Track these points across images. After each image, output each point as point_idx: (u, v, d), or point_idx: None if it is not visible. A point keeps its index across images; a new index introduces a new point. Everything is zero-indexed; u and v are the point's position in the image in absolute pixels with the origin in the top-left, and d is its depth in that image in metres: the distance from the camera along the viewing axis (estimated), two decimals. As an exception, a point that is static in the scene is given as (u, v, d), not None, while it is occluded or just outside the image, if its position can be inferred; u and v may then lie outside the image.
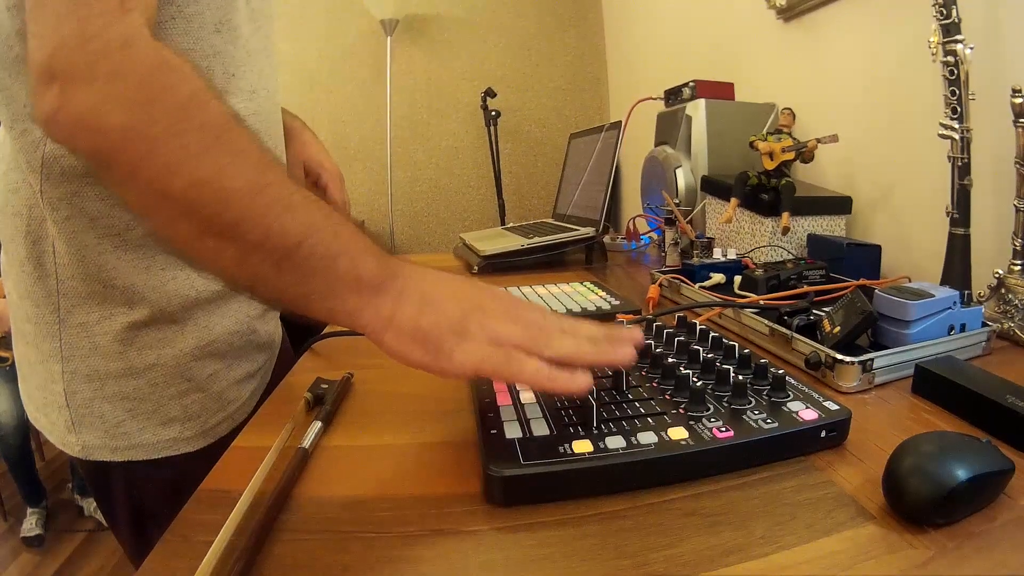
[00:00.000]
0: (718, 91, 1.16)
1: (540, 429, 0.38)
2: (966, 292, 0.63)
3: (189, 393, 0.55)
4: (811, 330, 0.55)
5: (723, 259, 0.83)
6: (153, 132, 0.34)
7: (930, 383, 0.45)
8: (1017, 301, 0.60)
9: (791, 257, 0.84)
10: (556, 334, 0.37)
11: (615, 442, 0.35)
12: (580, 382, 0.35)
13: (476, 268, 1.08)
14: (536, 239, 1.11)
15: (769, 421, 0.37)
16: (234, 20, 0.53)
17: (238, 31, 0.54)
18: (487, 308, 0.37)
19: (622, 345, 0.38)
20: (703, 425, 0.37)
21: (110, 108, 0.34)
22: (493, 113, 2.36)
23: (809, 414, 0.38)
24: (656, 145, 1.24)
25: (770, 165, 0.89)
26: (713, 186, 1.02)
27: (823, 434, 0.38)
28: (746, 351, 0.46)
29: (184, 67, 0.37)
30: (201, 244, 0.35)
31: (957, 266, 0.65)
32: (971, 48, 0.62)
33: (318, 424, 0.44)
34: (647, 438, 0.36)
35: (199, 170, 0.34)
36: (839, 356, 0.47)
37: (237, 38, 0.54)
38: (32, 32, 0.35)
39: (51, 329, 0.51)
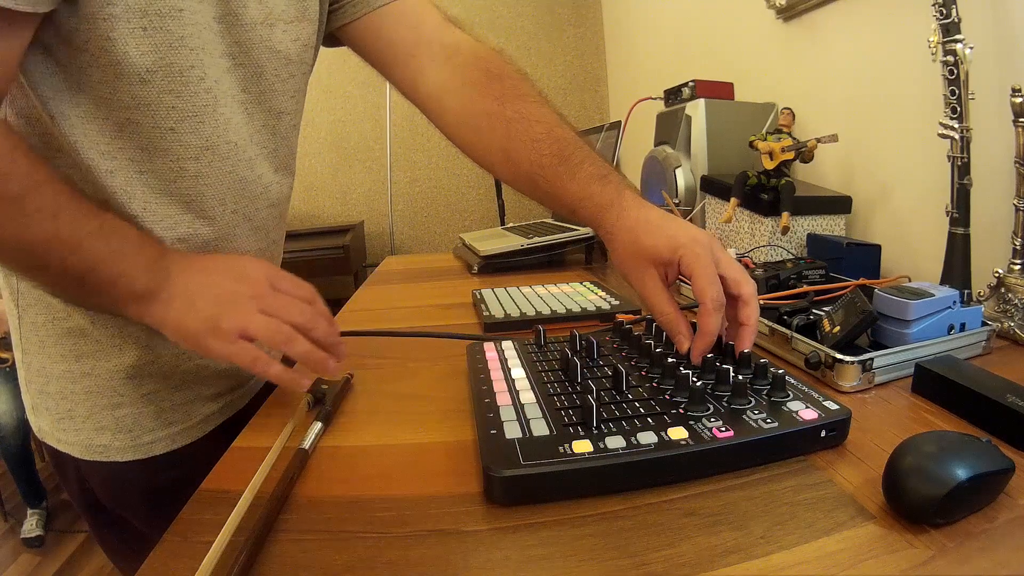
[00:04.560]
0: (718, 91, 1.16)
1: (540, 429, 0.38)
2: (966, 291, 0.63)
3: (122, 407, 0.55)
4: (811, 330, 0.55)
5: (723, 259, 0.83)
6: None
7: (930, 382, 0.45)
8: (1017, 300, 0.60)
9: (791, 257, 0.84)
10: (296, 337, 0.45)
11: (615, 442, 0.35)
12: (305, 383, 0.46)
13: (476, 268, 1.08)
14: (536, 239, 1.11)
15: (769, 421, 0.37)
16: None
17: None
18: (240, 304, 0.45)
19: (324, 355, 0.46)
20: (703, 425, 0.37)
21: None
22: (493, 113, 2.36)
23: (809, 414, 0.38)
24: (656, 145, 1.24)
25: (770, 165, 0.89)
26: (713, 186, 1.02)
27: (823, 434, 0.38)
28: (746, 351, 0.46)
29: None
30: (27, 276, 0.48)
31: (957, 265, 0.65)
32: (971, 48, 0.62)
33: (318, 424, 0.44)
34: (647, 438, 0.36)
35: (4, 234, 0.41)
36: (839, 356, 0.47)
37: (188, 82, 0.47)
38: None
39: (15, 323, 0.55)
